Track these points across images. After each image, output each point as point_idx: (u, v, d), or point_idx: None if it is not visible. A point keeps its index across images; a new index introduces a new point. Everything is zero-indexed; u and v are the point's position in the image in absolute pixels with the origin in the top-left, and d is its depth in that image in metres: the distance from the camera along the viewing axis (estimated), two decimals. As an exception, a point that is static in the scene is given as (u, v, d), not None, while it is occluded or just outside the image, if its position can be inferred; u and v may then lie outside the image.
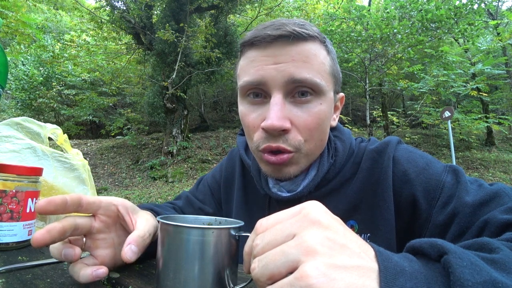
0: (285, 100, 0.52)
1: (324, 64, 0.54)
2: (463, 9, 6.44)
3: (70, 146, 0.93)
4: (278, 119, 0.50)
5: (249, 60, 0.54)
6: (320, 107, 0.53)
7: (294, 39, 0.51)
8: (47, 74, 10.56)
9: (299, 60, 0.51)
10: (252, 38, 0.53)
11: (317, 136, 0.55)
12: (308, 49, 0.52)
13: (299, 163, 0.56)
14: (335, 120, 0.64)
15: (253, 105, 0.56)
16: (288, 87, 0.52)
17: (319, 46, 0.54)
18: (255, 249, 0.31)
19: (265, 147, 0.53)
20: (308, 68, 0.51)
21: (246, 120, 0.56)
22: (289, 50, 0.51)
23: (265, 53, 0.52)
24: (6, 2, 4.80)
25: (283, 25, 0.52)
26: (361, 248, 0.29)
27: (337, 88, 0.60)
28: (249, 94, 0.55)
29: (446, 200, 0.52)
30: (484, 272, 0.26)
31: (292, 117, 0.52)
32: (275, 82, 0.51)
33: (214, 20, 8.80)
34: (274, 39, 0.51)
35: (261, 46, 0.53)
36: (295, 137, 0.53)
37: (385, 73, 8.35)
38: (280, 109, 0.51)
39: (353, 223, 0.59)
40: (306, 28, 0.53)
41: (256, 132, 0.55)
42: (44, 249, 0.64)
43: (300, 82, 0.51)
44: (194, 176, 7.53)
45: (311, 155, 0.57)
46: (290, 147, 0.53)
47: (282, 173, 0.56)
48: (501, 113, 10.34)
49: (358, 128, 10.12)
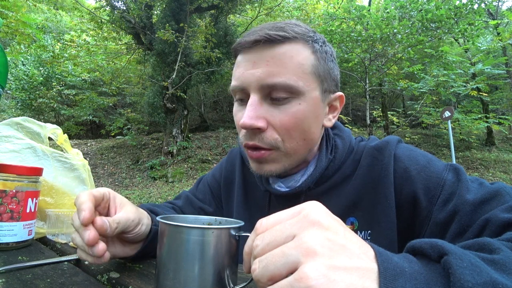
0: (263, 101, 0.55)
1: (302, 64, 0.54)
2: (463, 9, 6.44)
3: (70, 146, 0.93)
4: (249, 118, 0.53)
5: (236, 65, 0.59)
6: (298, 107, 0.54)
7: (266, 42, 0.54)
8: (47, 74, 10.55)
9: (273, 64, 0.53)
10: (237, 45, 0.58)
11: (297, 135, 0.56)
12: (284, 52, 0.54)
13: (280, 162, 0.57)
14: (331, 121, 0.62)
15: (239, 106, 0.60)
16: (263, 91, 0.54)
17: (300, 47, 0.55)
18: (255, 250, 0.31)
19: (245, 144, 0.57)
20: (280, 72, 0.53)
21: (235, 119, 0.61)
22: (264, 55, 0.54)
23: (246, 58, 0.56)
24: (6, 2, 4.80)
25: (260, 30, 0.55)
26: (361, 249, 0.29)
27: (327, 87, 0.59)
28: (236, 96, 0.59)
29: (446, 198, 0.52)
30: (485, 273, 0.26)
31: (268, 117, 0.55)
32: (251, 86, 0.54)
33: (214, 20, 8.80)
34: (252, 44, 0.54)
35: (244, 51, 0.57)
36: (271, 135, 0.55)
37: (385, 73, 8.34)
38: (253, 109, 0.54)
39: (353, 220, 0.60)
40: (285, 30, 0.54)
41: (241, 130, 0.58)
42: (44, 249, 0.64)
43: (272, 86, 0.53)
44: (194, 176, 7.53)
45: (293, 154, 0.57)
46: (265, 145, 0.55)
47: (263, 170, 0.58)
48: (501, 113, 10.33)
49: (358, 128, 10.13)
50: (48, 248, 0.66)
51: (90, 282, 0.46)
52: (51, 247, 0.67)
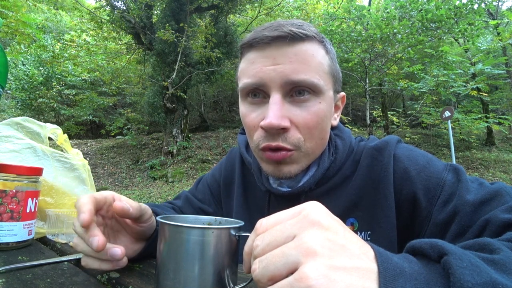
0: (284, 99, 0.53)
1: (322, 63, 0.55)
2: (463, 9, 6.43)
3: (70, 146, 0.93)
4: (276, 118, 0.51)
5: (249, 62, 0.55)
6: (319, 106, 0.54)
7: (291, 39, 0.52)
8: (47, 74, 10.54)
9: (296, 61, 0.52)
10: (251, 40, 0.55)
11: (317, 134, 0.56)
12: (306, 50, 0.53)
13: (299, 162, 0.57)
14: (336, 120, 0.64)
15: (252, 105, 0.57)
16: (286, 88, 0.53)
17: (317, 46, 0.55)
18: (255, 250, 0.31)
19: (265, 146, 0.54)
20: (305, 69, 0.52)
21: (247, 120, 0.57)
22: (287, 51, 0.52)
23: (264, 54, 0.53)
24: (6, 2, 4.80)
25: (280, 26, 0.53)
26: (361, 249, 0.29)
27: (336, 88, 0.60)
28: (249, 94, 0.57)
29: (446, 199, 0.52)
30: (484, 273, 0.26)
31: (291, 116, 0.53)
32: (274, 83, 0.52)
33: (214, 20, 8.80)
34: (272, 40, 0.52)
35: (259, 47, 0.54)
36: (294, 135, 0.53)
37: (385, 73, 8.34)
38: (278, 108, 0.52)
39: (353, 220, 0.60)
40: (304, 29, 0.53)
41: (256, 132, 0.56)
42: (44, 249, 0.64)
43: (297, 83, 0.52)
44: (194, 176, 7.52)
45: (311, 154, 0.57)
46: (290, 145, 0.54)
47: (282, 172, 0.56)
48: (501, 113, 10.32)
49: (358, 128, 10.12)
50: (48, 248, 0.66)
51: (90, 282, 0.46)
52: (51, 247, 0.67)
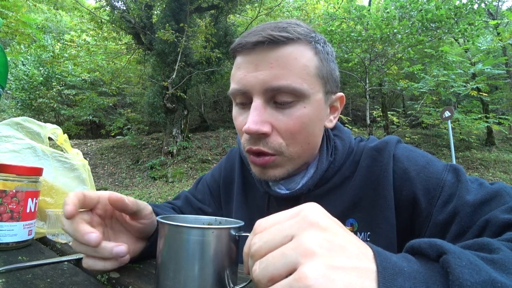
0: (266, 105, 0.54)
1: (307, 66, 0.53)
2: (463, 9, 6.43)
3: (70, 146, 0.93)
4: (254, 123, 0.51)
5: (236, 67, 0.56)
6: (303, 111, 0.53)
7: (270, 44, 0.52)
8: (47, 74, 10.54)
9: (277, 66, 0.52)
10: (236, 45, 0.55)
11: (302, 139, 0.55)
12: (289, 53, 0.52)
13: (284, 166, 0.56)
14: (332, 122, 0.62)
15: (240, 109, 0.58)
16: (267, 94, 0.53)
17: (303, 48, 0.54)
18: (252, 248, 0.31)
19: (248, 149, 0.55)
20: (286, 74, 0.52)
21: (236, 123, 0.59)
22: (268, 56, 0.52)
23: (247, 59, 0.54)
24: (6, 2, 4.80)
25: (262, 31, 0.52)
26: (360, 249, 0.29)
27: (329, 89, 0.58)
28: (236, 99, 0.58)
29: (446, 199, 0.52)
30: (483, 272, 0.26)
31: (273, 121, 0.53)
32: (255, 89, 0.53)
33: (214, 20, 8.80)
34: (254, 46, 0.52)
35: (244, 53, 0.55)
36: (275, 140, 0.53)
37: (385, 73, 8.34)
38: (257, 114, 0.52)
39: (352, 221, 0.59)
40: (287, 31, 0.52)
41: (242, 135, 0.56)
42: (44, 249, 0.64)
43: (277, 89, 0.52)
44: (194, 176, 7.52)
45: (297, 158, 0.57)
46: (270, 149, 0.54)
47: (267, 175, 0.57)
48: (501, 113, 10.32)
49: (358, 128, 10.12)
50: (48, 248, 0.66)
51: (90, 282, 0.46)
52: (51, 247, 0.67)
